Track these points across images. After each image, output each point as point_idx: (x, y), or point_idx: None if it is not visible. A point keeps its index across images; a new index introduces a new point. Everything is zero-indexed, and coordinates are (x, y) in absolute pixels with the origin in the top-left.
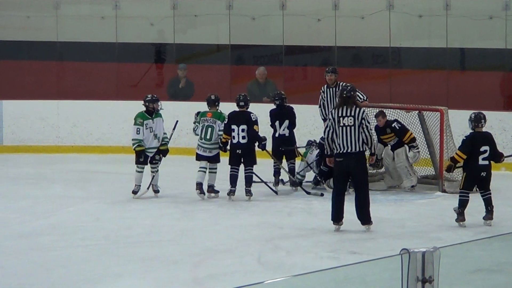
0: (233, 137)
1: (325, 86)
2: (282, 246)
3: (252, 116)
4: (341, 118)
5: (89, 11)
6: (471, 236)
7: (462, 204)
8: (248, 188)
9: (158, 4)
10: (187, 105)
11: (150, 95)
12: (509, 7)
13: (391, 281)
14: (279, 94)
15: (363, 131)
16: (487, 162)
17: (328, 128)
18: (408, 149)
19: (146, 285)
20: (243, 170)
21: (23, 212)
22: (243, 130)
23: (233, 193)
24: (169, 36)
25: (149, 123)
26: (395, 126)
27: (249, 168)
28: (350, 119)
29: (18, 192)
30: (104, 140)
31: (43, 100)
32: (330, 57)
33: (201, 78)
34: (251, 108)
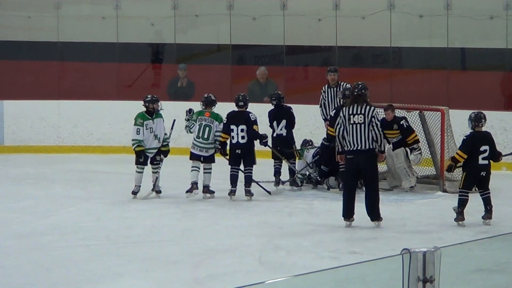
0: (232, 137)
1: (326, 86)
2: (283, 246)
3: (251, 116)
4: (351, 116)
5: (90, 11)
6: (471, 236)
7: (462, 203)
8: (248, 188)
9: (158, 4)
10: (188, 105)
11: (150, 96)
12: (510, 7)
13: (392, 281)
14: (276, 94)
15: (373, 129)
16: (486, 162)
17: (338, 126)
18: (409, 151)
19: (147, 285)
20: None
21: (24, 212)
22: (242, 130)
23: (233, 193)
24: (169, 36)
25: (149, 124)
26: (403, 124)
27: (249, 168)
28: (360, 117)
29: (18, 192)
30: (104, 140)
31: (43, 100)
32: (331, 57)
33: (201, 78)
34: (252, 108)
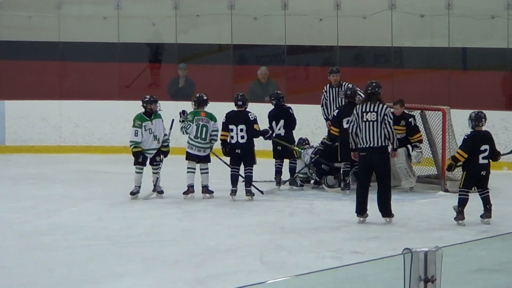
0: (232, 137)
1: (328, 85)
2: (284, 246)
3: (251, 115)
4: (364, 113)
5: (91, 11)
6: (473, 236)
7: (462, 203)
8: (248, 188)
9: (160, 4)
10: (188, 105)
11: (148, 96)
12: (511, 6)
13: (393, 281)
14: (275, 94)
15: (385, 126)
16: (486, 161)
17: (352, 123)
18: (410, 149)
19: (148, 285)
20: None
21: (25, 212)
22: (241, 130)
23: (234, 193)
24: (171, 36)
25: (147, 125)
26: (411, 122)
27: (249, 168)
28: (373, 114)
29: (20, 192)
30: (106, 140)
31: (45, 100)
32: (332, 57)
33: (203, 78)
34: (253, 108)
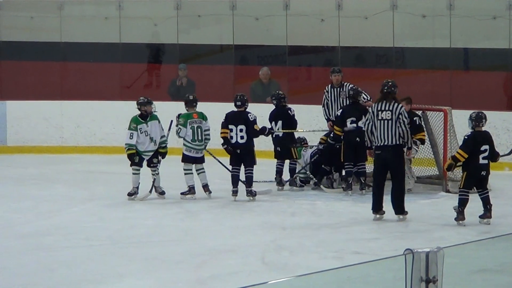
0: (231, 137)
1: (329, 86)
2: (286, 246)
3: (250, 116)
4: (379, 112)
5: (92, 11)
6: (474, 236)
7: (462, 203)
8: (249, 189)
9: (161, 4)
10: None
11: (142, 98)
12: None
13: (395, 281)
14: (276, 94)
15: (400, 125)
16: (486, 161)
17: (367, 121)
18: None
19: (149, 285)
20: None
21: (27, 213)
22: (241, 130)
23: (235, 193)
24: (172, 36)
25: (143, 128)
26: (416, 120)
27: (249, 169)
28: (388, 113)
29: (21, 192)
30: (107, 140)
31: (46, 101)
32: (334, 57)
33: (204, 78)
34: (255, 108)
